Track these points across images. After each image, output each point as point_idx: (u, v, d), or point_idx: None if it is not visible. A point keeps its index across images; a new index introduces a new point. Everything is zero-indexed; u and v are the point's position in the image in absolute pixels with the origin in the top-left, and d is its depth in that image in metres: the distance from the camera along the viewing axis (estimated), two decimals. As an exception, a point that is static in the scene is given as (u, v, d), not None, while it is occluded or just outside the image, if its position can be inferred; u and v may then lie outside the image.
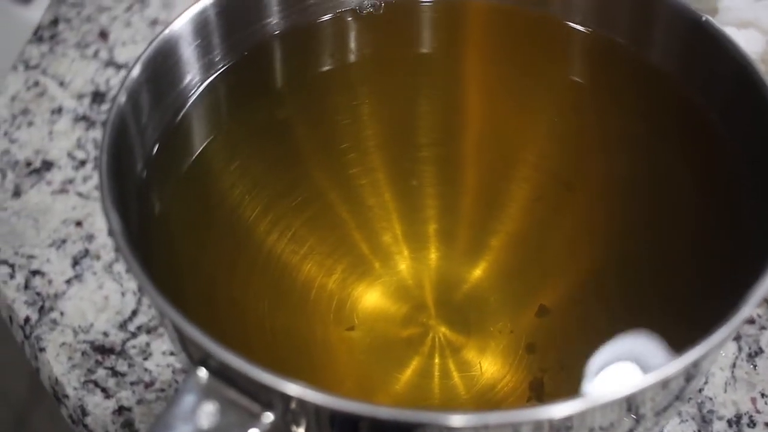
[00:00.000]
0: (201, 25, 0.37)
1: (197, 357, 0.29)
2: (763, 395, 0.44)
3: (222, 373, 0.28)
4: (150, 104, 0.36)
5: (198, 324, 0.29)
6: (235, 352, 0.28)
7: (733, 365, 0.44)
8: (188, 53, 0.37)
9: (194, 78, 0.38)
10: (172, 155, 0.38)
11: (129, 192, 0.34)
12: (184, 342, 0.31)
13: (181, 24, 0.36)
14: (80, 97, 0.54)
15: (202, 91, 0.39)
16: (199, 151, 0.39)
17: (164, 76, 0.36)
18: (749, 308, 0.30)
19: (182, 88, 0.38)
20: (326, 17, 0.41)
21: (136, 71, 0.34)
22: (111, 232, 0.30)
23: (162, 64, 0.36)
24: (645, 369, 0.36)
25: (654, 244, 0.39)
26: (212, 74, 0.39)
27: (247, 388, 0.28)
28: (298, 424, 0.29)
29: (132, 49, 0.56)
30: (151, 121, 0.36)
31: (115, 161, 0.32)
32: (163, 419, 0.28)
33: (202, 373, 0.29)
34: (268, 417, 0.28)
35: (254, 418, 0.28)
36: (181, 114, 0.38)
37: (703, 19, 0.37)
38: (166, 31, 0.36)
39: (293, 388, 0.27)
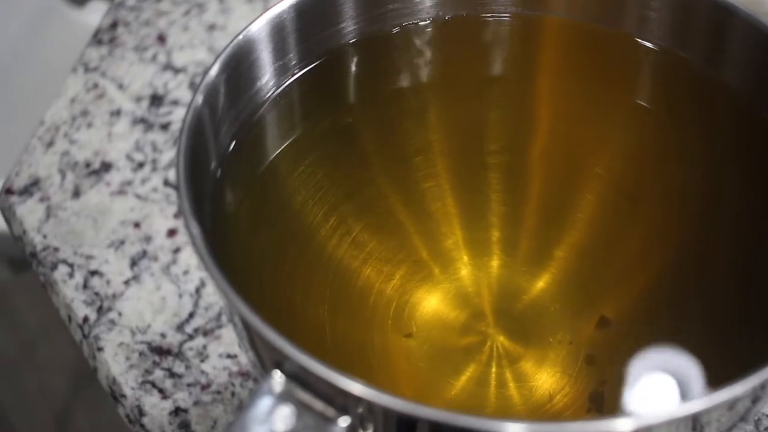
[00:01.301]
0: (277, 29, 0.38)
1: (273, 360, 0.29)
2: (820, 412, 0.43)
3: (298, 377, 0.29)
4: (225, 105, 0.36)
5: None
6: (313, 356, 0.28)
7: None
8: (264, 56, 0.38)
9: (269, 81, 0.39)
10: (244, 158, 0.38)
11: (203, 191, 0.34)
12: (256, 345, 0.31)
13: (259, 27, 0.37)
14: (138, 99, 0.55)
15: (276, 94, 0.39)
16: (270, 153, 0.40)
17: (240, 78, 0.37)
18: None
19: (256, 90, 0.38)
20: (401, 25, 0.42)
21: (213, 71, 0.35)
22: (191, 237, 0.30)
23: (238, 66, 0.36)
24: (707, 386, 0.36)
25: (718, 261, 0.39)
26: (286, 78, 0.39)
27: (323, 392, 0.28)
28: (365, 429, 0.29)
29: (189, 53, 0.57)
30: (225, 123, 0.36)
31: (191, 161, 0.32)
32: (239, 422, 0.28)
33: (278, 376, 0.29)
34: (345, 420, 0.28)
35: (330, 422, 0.28)
36: (255, 117, 0.38)
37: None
38: (244, 33, 0.36)
39: (371, 393, 0.27)
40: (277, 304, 0.38)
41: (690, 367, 0.36)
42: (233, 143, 0.37)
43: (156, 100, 0.55)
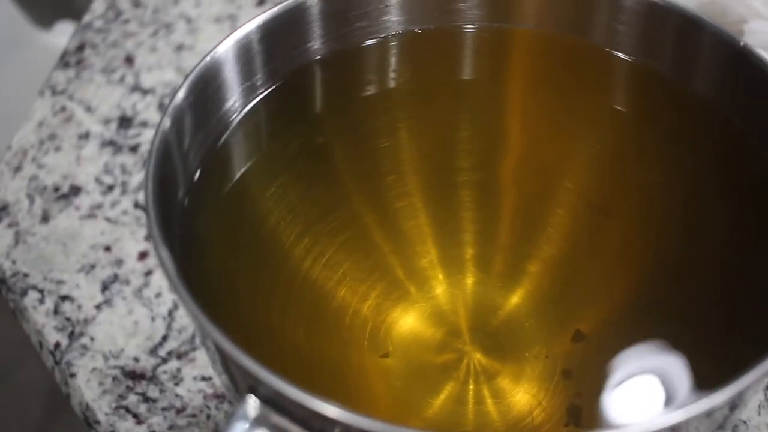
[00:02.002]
0: (244, 50, 0.37)
1: (247, 384, 0.29)
2: (797, 420, 0.43)
3: (273, 401, 0.28)
4: (193, 129, 0.36)
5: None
6: (288, 380, 0.28)
7: (767, 388, 0.44)
8: (231, 77, 0.38)
9: (236, 102, 0.38)
10: (213, 180, 0.38)
11: (173, 215, 0.34)
12: (229, 369, 0.31)
13: (225, 48, 0.36)
14: (107, 122, 0.54)
15: (243, 115, 0.39)
16: (238, 176, 0.39)
17: (207, 100, 0.37)
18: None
19: (224, 113, 0.38)
20: (368, 42, 0.41)
21: (180, 95, 0.34)
22: (160, 261, 0.30)
23: (205, 88, 0.36)
24: (682, 397, 0.36)
25: (691, 271, 0.39)
26: (253, 98, 0.39)
27: (299, 416, 0.28)
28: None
29: (158, 75, 0.57)
30: (193, 146, 0.36)
31: (159, 185, 0.32)
32: (215, 448, 0.28)
33: (252, 401, 0.29)
34: (322, 445, 0.28)
35: (307, 446, 0.28)
36: (222, 139, 0.38)
37: (742, 44, 0.37)
38: (210, 55, 0.36)
39: (348, 416, 0.27)
40: (251, 326, 0.38)
41: (666, 376, 0.37)
42: (201, 166, 0.37)
43: (124, 122, 0.55)
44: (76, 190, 0.52)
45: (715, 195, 0.40)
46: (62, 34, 0.87)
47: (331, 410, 0.27)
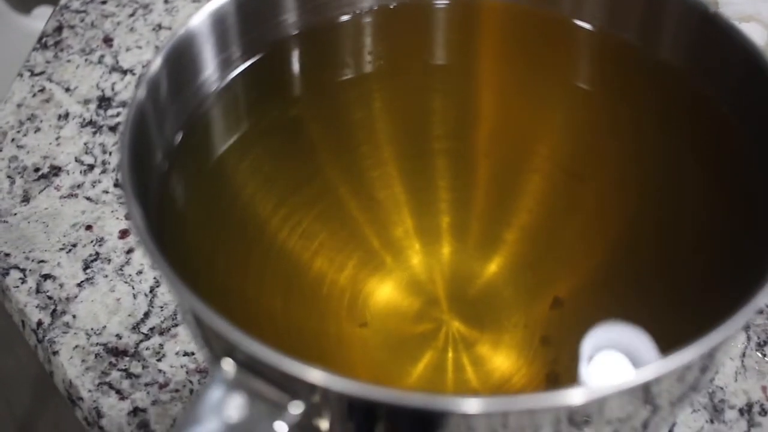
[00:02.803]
0: (218, 22, 0.37)
1: (223, 349, 0.29)
2: (774, 384, 0.44)
3: (249, 365, 0.28)
4: (168, 99, 0.36)
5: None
6: (263, 343, 0.28)
7: (743, 355, 0.45)
8: (206, 49, 0.38)
9: (212, 75, 0.39)
10: (190, 151, 0.38)
11: (148, 184, 0.34)
12: (207, 335, 0.31)
13: (200, 20, 0.37)
14: (86, 102, 0.55)
15: (220, 88, 0.39)
16: (216, 146, 0.39)
17: (183, 71, 0.37)
18: (763, 298, 0.30)
19: (200, 84, 0.38)
20: (344, 15, 0.42)
21: (155, 66, 0.34)
22: (135, 227, 0.30)
23: (180, 59, 0.36)
24: (658, 358, 0.36)
25: (665, 235, 0.40)
26: (230, 71, 0.39)
27: (275, 379, 0.28)
28: (322, 416, 0.29)
29: (136, 54, 0.57)
30: (169, 117, 0.36)
31: (135, 154, 0.32)
32: (192, 413, 0.28)
33: (228, 365, 0.29)
34: (298, 406, 0.28)
35: (283, 409, 0.28)
36: (200, 110, 0.38)
37: (712, 12, 0.37)
38: (185, 27, 0.36)
39: (322, 377, 0.27)
40: (229, 296, 0.38)
41: (644, 341, 0.37)
42: (178, 137, 0.37)
43: (104, 102, 0.55)
44: (56, 170, 0.52)
45: (686, 161, 0.40)
46: (41, 18, 0.87)
47: (304, 371, 0.27)
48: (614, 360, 0.37)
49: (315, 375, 0.27)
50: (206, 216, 0.39)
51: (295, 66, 0.42)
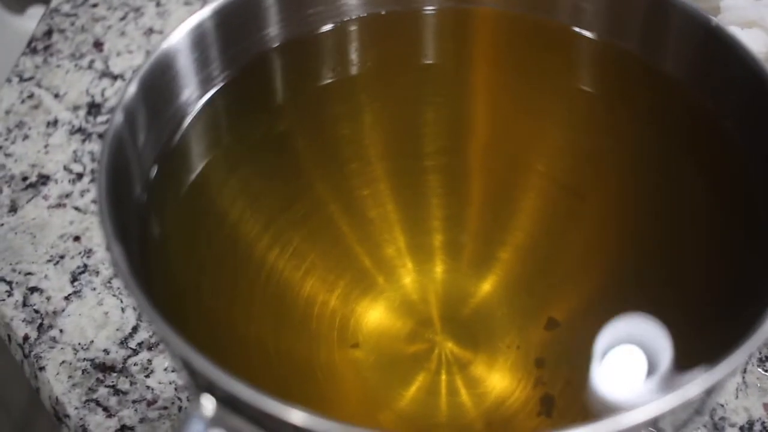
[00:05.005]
0: (199, 38, 0.36)
1: (203, 385, 0.28)
2: (775, 404, 0.43)
3: (229, 402, 0.28)
4: (147, 122, 0.35)
5: (201, 348, 0.28)
6: (243, 381, 0.27)
7: (744, 371, 0.44)
8: (186, 67, 0.37)
9: (192, 93, 0.37)
10: (171, 175, 0.37)
11: (128, 214, 0.33)
12: (189, 370, 0.30)
13: (179, 37, 0.35)
14: (75, 108, 0.54)
15: (201, 106, 0.38)
16: (197, 169, 0.38)
17: (162, 92, 0.36)
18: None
19: (180, 104, 0.37)
20: (326, 27, 0.41)
21: (132, 88, 0.33)
22: (114, 263, 0.29)
23: (159, 80, 0.35)
24: (657, 383, 0.35)
25: (664, 254, 0.39)
26: (210, 88, 0.38)
27: (256, 417, 0.28)
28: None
29: (127, 59, 0.56)
30: (149, 141, 0.35)
31: (114, 184, 0.31)
32: (169, 450, 0.27)
33: (208, 401, 0.28)
34: (278, 448, 0.27)
35: (263, 449, 0.27)
36: (180, 132, 0.37)
37: (713, 23, 0.36)
38: (163, 45, 0.35)
39: (303, 417, 0.26)
40: (216, 322, 0.37)
41: (639, 363, 0.36)
42: (159, 159, 0.36)
43: (93, 108, 0.54)
44: (44, 179, 0.51)
45: (687, 176, 0.40)
46: (35, 18, 0.86)
47: (286, 411, 0.26)
48: (612, 383, 0.36)
49: (296, 416, 0.26)
50: (191, 240, 0.38)
51: (279, 80, 0.41)
